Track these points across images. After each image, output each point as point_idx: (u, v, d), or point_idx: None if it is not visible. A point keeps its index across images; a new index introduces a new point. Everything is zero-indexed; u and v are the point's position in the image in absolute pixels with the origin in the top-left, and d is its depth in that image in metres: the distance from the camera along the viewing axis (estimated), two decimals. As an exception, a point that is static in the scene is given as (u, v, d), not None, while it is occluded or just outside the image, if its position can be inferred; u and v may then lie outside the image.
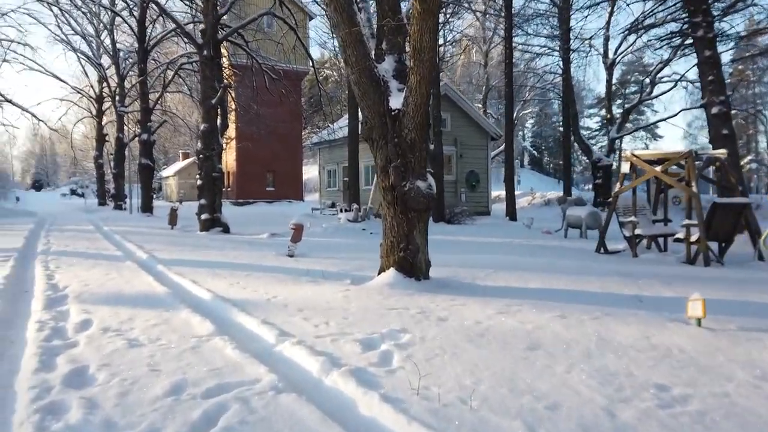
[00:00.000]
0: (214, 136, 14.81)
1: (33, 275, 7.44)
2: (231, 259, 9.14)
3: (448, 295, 5.91)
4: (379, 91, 6.66)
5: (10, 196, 49.32)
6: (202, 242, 12.17)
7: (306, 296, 5.75)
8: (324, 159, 27.74)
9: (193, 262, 8.66)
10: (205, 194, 14.79)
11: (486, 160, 24.96)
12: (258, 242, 12.50)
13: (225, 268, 7.94)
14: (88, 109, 38.52)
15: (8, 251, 9.65)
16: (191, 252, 10.07)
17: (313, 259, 9.19)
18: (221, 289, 6.17)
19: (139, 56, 23.19)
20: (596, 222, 14.36)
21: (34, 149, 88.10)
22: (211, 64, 14.69)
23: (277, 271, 7.75)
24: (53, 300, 5.59)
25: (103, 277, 7.11)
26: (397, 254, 6.60)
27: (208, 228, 14.65)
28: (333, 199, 26.68)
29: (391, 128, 6.59)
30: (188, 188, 54.17)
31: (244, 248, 10.91)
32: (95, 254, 9.65)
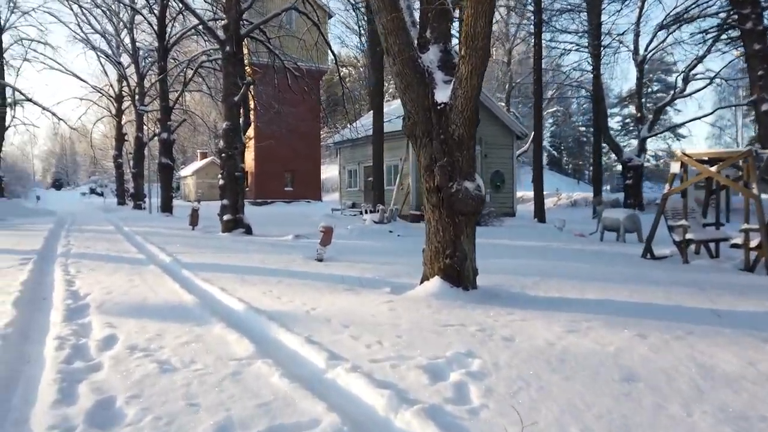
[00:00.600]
0: (236, 135, 14.38)
1: (52, 280, 7.03)
2: (258, 263, 8.67)
3: (502, 307, 5.35)
4: (424, 84, 6.12)
5: (30, 195, 49.67)
6: (225, 244, 11.73)
7: (347, 308, 5.22)
8: (345, 158, 27.23)
9: (218, 266, 8.20)
10: (228, 194, 14.37)
11: (511, 159, 24.25)
12: (283, 244, 12.03)
13: (254, 274, 7.46)
14: (108, 108, 38.53)
15: (27, 253, 9.29)
16: (215, 255, 9.62)
17: (344, 264, 8.68)
18: (254, 298, 5.67)
19: (159, 54, 22.91)
20: (635, 225, 13.68)
21: (55, 148, 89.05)
22: (234, 60, 14.26)
23: (309, 277, 7.25)
24: (74, 310, 5.14)
25: (126, 283, 6.66)
26: (443, 261, 6.05)
27: (231, 229, 14.22)
28: (354, 200, 26.18)
29: (437, 124, 6.05)
30: (206, 188, 54.17)
31: (270, 251, 10.44)
32: (117, 257, 9.24)
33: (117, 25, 31.31)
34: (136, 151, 31.07)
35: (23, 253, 9.38)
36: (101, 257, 9.16)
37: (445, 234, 6.05)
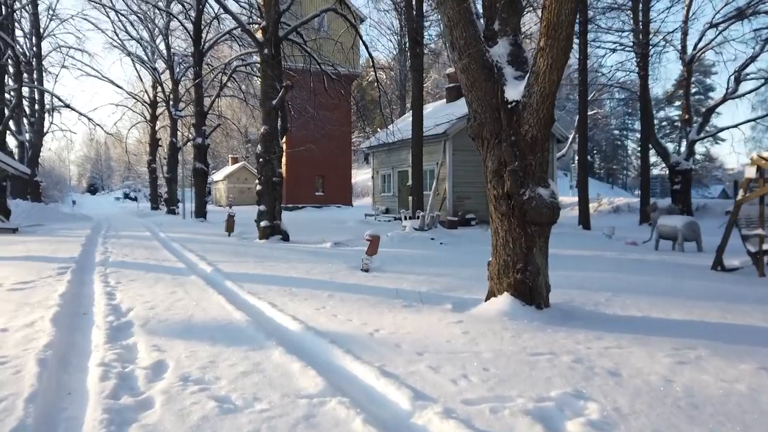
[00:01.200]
0: (274, 139, 14.03)
1: (92, 292, 6.68)
2: (303, 273, 8.20)
3: (587, 330, 4.75)
4: (492, 80, 5.55)
5: (66, 199, 50.67)
6: (265, 252, 11.33)
7: (414, 329, 4.68)
8: (378, 163, 26.78)
9: (262, 277, 7.76)
10: (265, 200, 14.01)
11: (551, 164, 23.44)
12: (323, 252, 11.58)
13: (300, 286, 6.98)
14: (142, 114, 38.98)
15: (65, 261, 9.02)
16: (257, 264, 9.20)
17: (393, 275, 8.16)
18: (308, 316, 5.19)
19: (195, 59, 22.86)
20: (694, 233, 12.81)
21: (90, 154, 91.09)
22: (272, 63, 13.93)
23: (361, 290, 6.73)
24: (116, 329, 4.72)
25: (168, 296, 6.25)
26: (513, 276, 5.47)
27: (268, 236, 13.86)
28: (387, 205, 25.69)
29: (507, 124, 5.48)
30: (237, 193, 54.48)
31: (311, 260, 9.99)
32: (156, 266, 8.90)
33: (152, 32, 31.59)
34: (170, 156, 31.22)
35: (61, 261, 9.12)
36: (140, 266, 8.83)
37: (515, 246, 5.47)
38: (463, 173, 21.31)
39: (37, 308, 5.55)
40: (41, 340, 4.24)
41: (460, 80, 5.82)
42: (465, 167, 21.37)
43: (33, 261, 9.14)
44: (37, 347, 4.01)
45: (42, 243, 12.67)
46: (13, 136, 29.49)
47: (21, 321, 4.96)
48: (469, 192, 21.46)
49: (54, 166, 65.79)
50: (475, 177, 21.65)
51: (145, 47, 32.68)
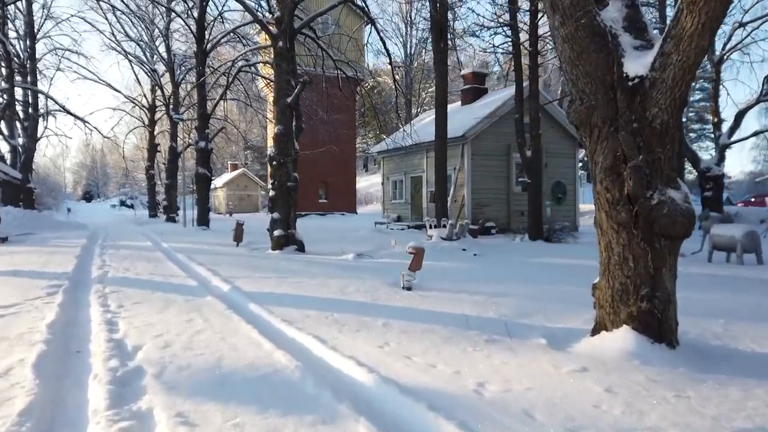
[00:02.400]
0: (289, 140, 12.78)
1: (88, 319, 5.40)
2: (337, 292, 6.94)
3: (747, 379, 3.51)
4: (605, 50, 4.33)
5: (62, 207, 49.24)
6: (283, 265, 10.05)
7: (531, 383, 3.42)
8: (389, 168, 25.55)
9: (291, 298, 6.49)
10: (279, 207, 12.74)
11: (573, 169, 22.28)
12: (347, 265, 10.31)
13: (341, 310, 5.72)
14: (141, 118, 37.72)
15: (57, 278, 7.73)
16: (279, 280, 7.92)
17: (441, 294, 6.91)
18: (373, 357, 3.93)
19: (198, 59, 21.63)
20: (755, 244, 11.59)
21: (86, 161, 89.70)
22: (287, 57, 12.72)
23: (418, 317, 5.48)
24: (122, 381, 3.44)
25: (185, 326, 4.97)
26: (636, 305, 4.22)
27: (282, 246, 12.58)
28: (399, 213, 24.44)
29: (627, 107, 4.25)
30: (237, 200, 53.20)
31: (339, 275, 8.72)
32: (163, 284, 7.61)
33: (152, 33, 30.41)
34: (170, 162, 29.92)
35: (52, 277, 7.83)
36: (145, 284, 7.54)
37: (638, 265, 4.23)
38: (482, 179, 20.12)
39: (17, 345, 4.28)
40: (15, 403, 2.97)
41: (559, 53, 4.60)
42: (484, 172, 20.19)
43: (19, 277, 7.85)
44: (7, 418, 2.73)
45: (32, 254, 11.36)
46: (5, 141, 28.20)
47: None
48: (489, 199, 20.26)
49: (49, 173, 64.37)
50: (494, 183, 20.49)
51: (144, 49, 31.48)
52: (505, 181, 20.65)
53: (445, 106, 15.40)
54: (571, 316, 5.61)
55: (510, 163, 20.64)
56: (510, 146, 20.51)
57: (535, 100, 15.64)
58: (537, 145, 15.60)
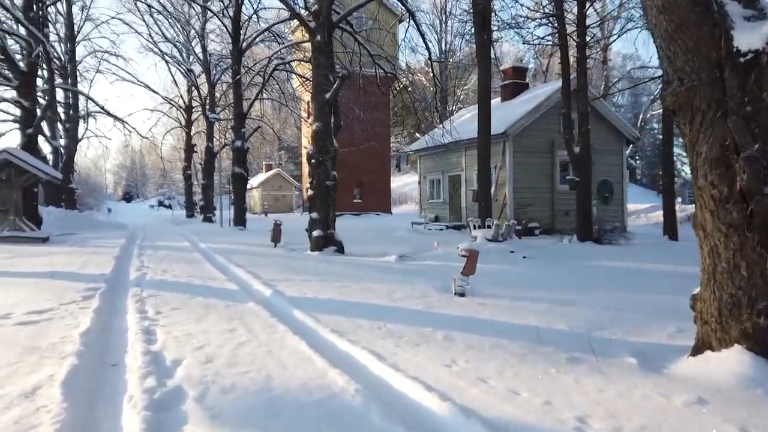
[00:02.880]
0: (328, 137, 12.37)
1: (124, 327, 5.04)
2: (385, 298, 6.44)
3: None
4: (709, 22, 3.70)
5: (102, 207, 50.34)
6: (323, 267, 9.62)
7: (647, 420, 2.84)
8: (425, 167, 24.96)
9: (337, 304, 6.02)
10: (318, 207, 12.34)
11: (621, 167, 21.26)
12: (390, 268, 9.81)
13: (394, 319, 5.22)
14: (178, 119, 38.11)
15: (94, 280, 7.46)
16: (322, 284, 7.47)
17: (498, 301, 6.35)
18: (441, 380, 3.41)
19: (234, 57, 21.47)
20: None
21: (125, 162, 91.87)
22: (325, 51, 12.30)
23: (480, 328, 4.93)
24: (160, 405, 3.01)
25: (227, 337, 4.55)
26: (750, 320, 3.58)
27: (321, 247, 12.17)
28: (437, 212, 23.83)
29: (739, 87, 3.61)
30: (272, 200, 53.41)
31: (384, 278, 8.22)
32: (202, 287, 7.25)
33: (188, 34, 30.58)
34: (206, 162, 29.99)
35: (90, 279, 7.56)
36: (183, 287, 7.19)
37: (753, 274, 3.58)
38: (525, 177, 19.33)
39: (48, 357, 3.92)
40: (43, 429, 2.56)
41: (653, 26, 3.98)
42: (526, 171, 19.41)
43: (57, 279, 7.61)
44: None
45: (71, 255, 11.24)
46: (47, 142, 28.74)
47: (20, 384, 3.32)
48: (531, 198, 19.46)
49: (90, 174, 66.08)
50: (537, 181, 19.67)
51: (180, 50, 31.71)
52: (549, 180, 19.82)
53: (489, 101, 14.74)
54: (653, 329, 4.98)
55: (554, 161, 19.82)
56: (554, 143, 19.69)
57: (584, 94, 14.84)
58: (586, 141, 14.80)
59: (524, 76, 23.06)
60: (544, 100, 19.33)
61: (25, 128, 18.17)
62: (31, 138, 18.24)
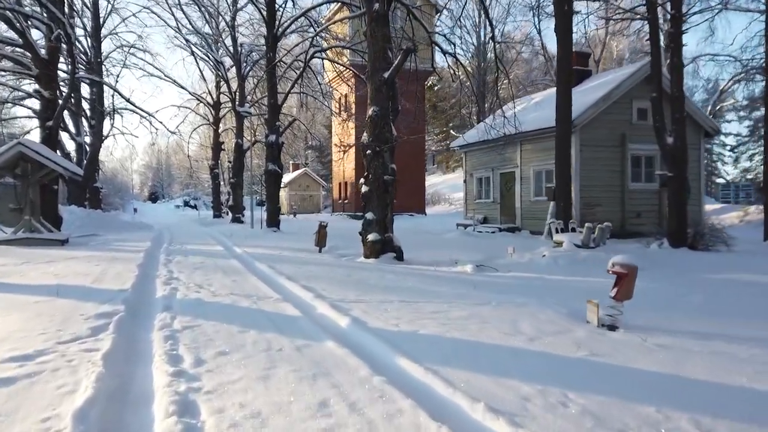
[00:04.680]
0: (386, 124, 10.49)
1: (146, 394, 3.20)
2: (514, 335, 4.51)
3: None
4: None
5: (128, 207, 49.43)
6: (392, 281, 7.72)
7: None
8: (472, 164, 22.93)
9: (451, 345, 4.14)
10: (374, 205, 10.46)
11: (698, 162, 18.92)
12: (477, 282, 7.87)
13: (564, 380, 3.31)
14: (205, 116, 36.71)
15: (111, 300, 5.67)
16: (407, 307, 5.57)
17: (669, 339, 4.42)
18: None
19: (268, 44, 19.71)
20: None
21: (151, 162, 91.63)
22: (383, 22, 10.43)
23: (709, 398, 2.97)
24: None
25: (317, 419, 2.67)
26: None
27: (378, 253, 10.28)
28: (485, 213, 21.78)
29: None
30: (299, 200, 51.94)
31: (480, 298, 6.29)
32: (254, 312, 5.40)
33: (218, 25, 29.06)
34: (236, 160, 28.39)
35: (105, 297, 5.79)
36: (228, 311, 5.35)
37: None
38: (593, 174, 17.16)
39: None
40: None
41: None
42: (595, 166, 17.23)
43: (63, 297, 5.85)
44: None
45: (89, 261, 9.56)
46: (72, 139, 27.51)
47: None
48: (600, 197, 17.28)
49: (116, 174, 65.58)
50: (608, 178, 17.48)
51: (210, 43, 30.20)
52: (619, 177, 17.63)
53: (570, 83, 12.69)
54: None
55: (625, 155, 17.63)
56: (624, 136, 17.52)
57: (679, 75, 12.67)
58: (681, 129, 12.64)
59: (587, 63, 20.89)
60: (615, 88, 17.16)
61: (45, 121, 16.71)
62: (52, 131, 16.76)
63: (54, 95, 16.55)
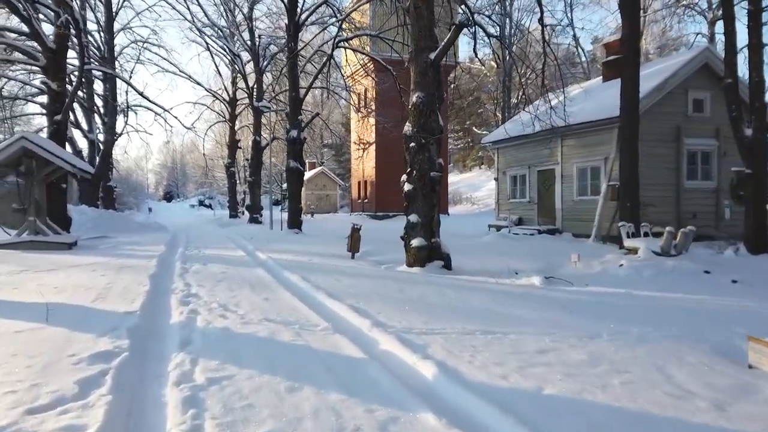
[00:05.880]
0: (432, 112, 9.13)
1: None
2: (684, 404, 3.12)
3: None
4: None
5: (143, 207, 48.59)
6: (455, 298, 6.35)
7: None
8: (505, 161, 21.45)
9: (603, 419, 2.74)
10: (419, 206, 9.09)
11: (760, 158, 17.26)
12: (558, 300, 6.48)
13: None
14: (221, 113, 35.60)
15: (113, 331, 4.35)
16: (499, 343, 4.21)
17: None
18: None
19: (289, 32, 18.39)
20: None
21: (166, 162, 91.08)
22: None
23: None
24: None
25: None
26: None
27: (424, 261, 8.92)
28: (520, 214, 20.29)
29: None
30: (315, 199, 50.68)
31: (570, 322, 4.90)
32: (298, 348, 4.05)
33: (235, 18, 27.86)
34: (253, 157, 27.16)
35: (106, 325, 4.49)
36: (265, 350, 4.00)
37: None
38: (645, 171, 15.61)
39: None
40: None
41: None
42: (649, 162, 15.68)
43: (54, 325, 4.57)
44: None
45: (94, 270, 8.31)
46: (84, 136, 26.51)
47: None
48: (654, 197, 15.72)
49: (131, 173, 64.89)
50: (664, 176, 15.89)
51: (226, 36, 29.03)
52: (674, 175, 16.05)
53: (637, 67, 11.22)
54: None
55: (680, 151, 16.05)
56: (680, 129, 15.95)
57: (758, 56, 11.13)
58: (761, 121, 11.11)
59: (633, 51, 19.22)
60: (670, 77, 15.59)
61: (53, 115, 15.58)
62: (60, 126, 15.62)
63: (62, 86, 15.40)
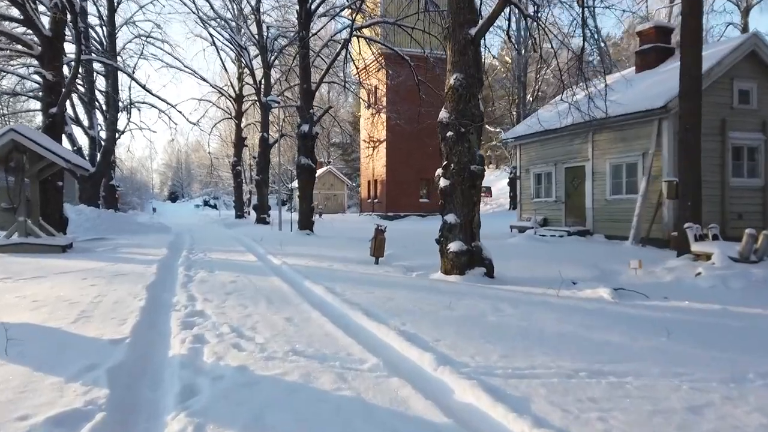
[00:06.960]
0: (473, 97, 7.92)
1: None
2: None
3: None
4: None
5: (147, 206, 47.59)
6: (514, 316, 5.17)
7: None
8: (528, 158, 20.22)
9: None
10: (457, 205, 7.89)
11: (807, 155, 16.00)
12: (648, 320, 5.28)
13: None
14: (227, 109, 34.50)
15: (91, 370, 3.20)
16: (615, 394, 3.04)
17: None
18: None
19: (300, 19, 17.24)
20: None
21: (171, 161, 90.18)
22: (470, -36, 7.87)
23: None
24: None
25: None
26: None
27: (463, 269, 7.72)
28: (545, 214, 19.06)
29: None
30: (322, 199, 49.53)
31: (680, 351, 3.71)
32: (348, 404, 2.88)
33: (242, 10, 26.76)
34: (260, 155, 26.02)
35: (84, 362, 3.35)
36: (301, 410, 2.84)
37: None
38: (688, 167, 14.40)
39: None
40: None
41: None
42: (690, 159, 14.48)
43: (14, 361, 3.42)
44: None
45: (84, 278, 7.17)
46: (85, 133, 25.46)
47: None
48: (698, 195, 14.51)
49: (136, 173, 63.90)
50: (708, 173, 14.52)
51: (233, 29, 27.94)
52: (718, 171, 14.79)
53: (699, 47, 9.97)
54: None
55: (725, 146, 14.80)
56: (724, 122, 14.70)
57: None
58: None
59: (669, 39, 18.02)
60: (715, 65, 14.33)
61: (48, 108, 14.48)
62: (56, 119, 14.49)
63: (58, 76, 14.29)
